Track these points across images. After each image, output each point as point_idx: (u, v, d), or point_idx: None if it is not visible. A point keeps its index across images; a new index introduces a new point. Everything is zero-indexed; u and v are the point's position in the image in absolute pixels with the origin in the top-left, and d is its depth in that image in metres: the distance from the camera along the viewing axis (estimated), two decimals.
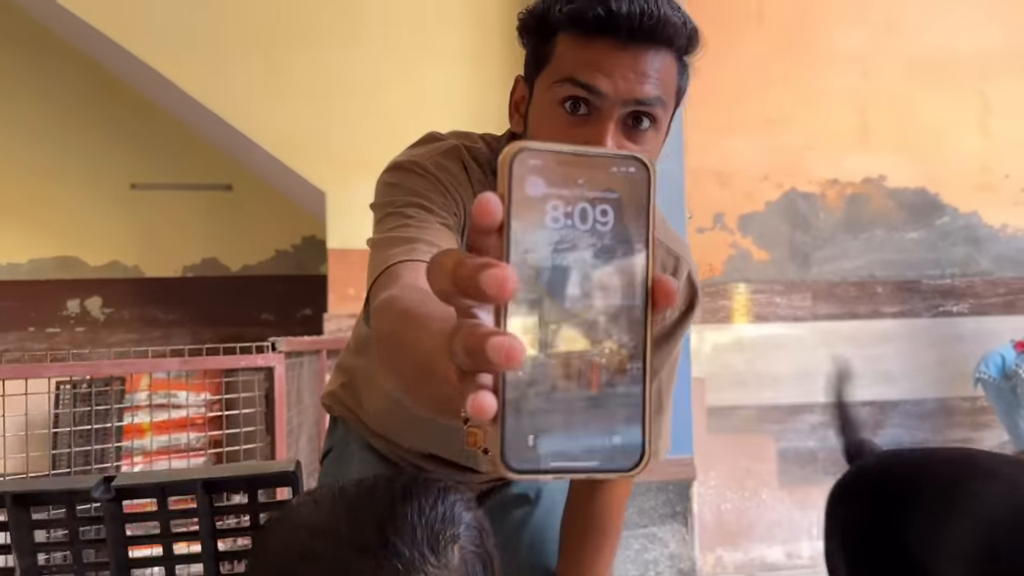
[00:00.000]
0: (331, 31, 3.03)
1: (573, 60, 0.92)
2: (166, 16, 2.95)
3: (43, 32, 3.56)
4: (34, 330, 3.75)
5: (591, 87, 0.91)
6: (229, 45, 3.00)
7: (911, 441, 4.42)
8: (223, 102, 3.02)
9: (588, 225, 0.44)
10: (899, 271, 4.48)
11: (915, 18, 4.50)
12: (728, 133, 4.29)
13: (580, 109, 0.92)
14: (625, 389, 0.44)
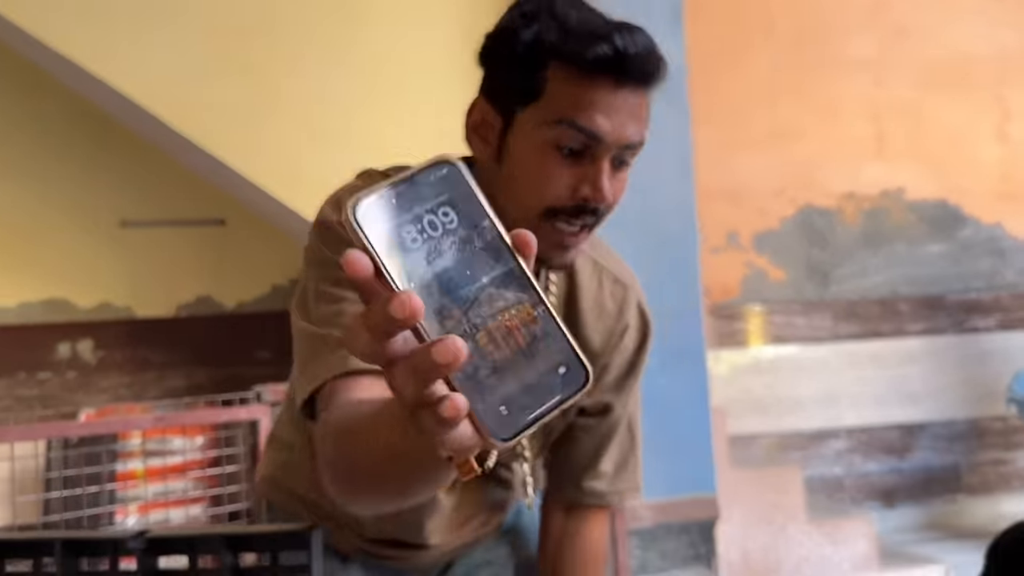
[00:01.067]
0: (321, 62, 2.93)
1: (571, 100, 0.88)
2: (151, 51, 2.85)
3: (29, 69, 3.46)
4: (24, 376, 3.62)
5: (591, 132, 0.88)
6: (217, 78, 2.89)
7: (940, 465, 4.24)
8: (212, 136, 2.91)
9: (440, 230, 0.50)
10: (922, 287, 4.31)
11: (928, 23, 4.36)
12: (738, 149, 4.15)
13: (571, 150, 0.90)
14: (543, 329, 0.51)
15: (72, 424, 2.88)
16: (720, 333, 4.12)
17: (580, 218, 0.93)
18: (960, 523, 4.18)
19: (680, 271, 2.84)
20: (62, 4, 2.81)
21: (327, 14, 2.93)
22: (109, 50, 2.81)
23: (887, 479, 4.21)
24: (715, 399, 3.03)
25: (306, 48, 2.93)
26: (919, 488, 4.23)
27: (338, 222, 0.91)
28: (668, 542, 2.79)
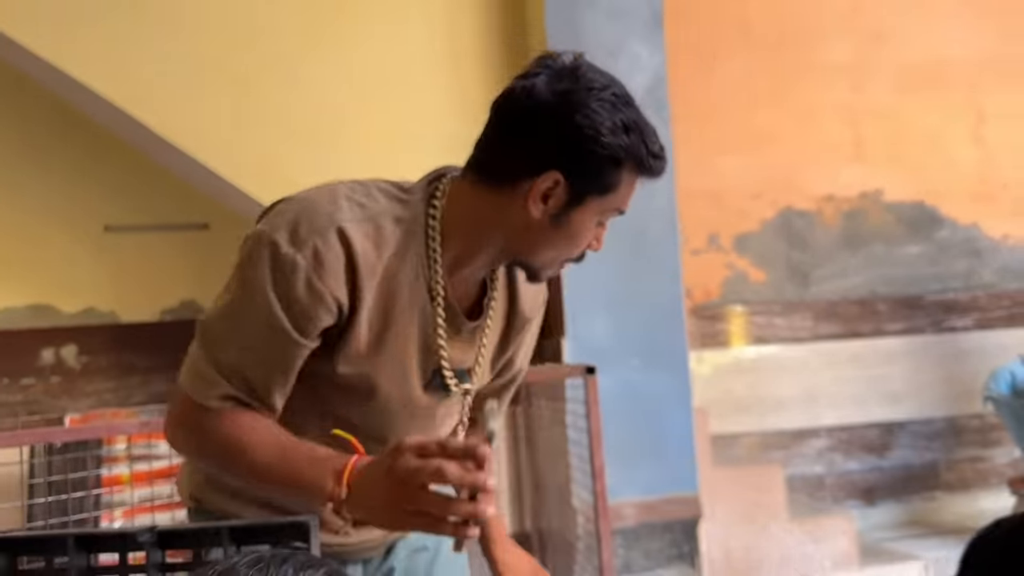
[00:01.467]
0: (303, 65, 2.95)
1: (625, 194, 1.11)
2: (134, 56, 2.86)
3: (12, 74, 3.45)
4: (8, 382, 3.61)
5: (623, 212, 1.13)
6: (199, 82, 2.91)
7: (920, 463, 4.30)
8: (194, 140, 2.93)
9: None
10: (901, 287, 4.37)
11: (904, 28, 4.42)
12: (718, 152, 4.19)
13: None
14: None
15: (58, 430, 2.87)
16: (702, 334, 4.17)
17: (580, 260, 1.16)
18: (940, 520, 4.24)
19: (662, 273, 2.88)
20: (47, 11, 2.82)
21: (310, 22, 2.95)
22: (94, 56, 2.82)
23: (867, 477, 4.27)
24: (697, 399, 3.07)
25: (290, 55, 2.95)
26: (899, 486, 4.29)
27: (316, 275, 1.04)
28: (652, 541, 2.83)
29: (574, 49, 3.09)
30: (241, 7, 2.92)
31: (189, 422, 1.10)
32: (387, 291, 1.09)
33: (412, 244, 1.10)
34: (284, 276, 1.03)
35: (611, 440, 2.46)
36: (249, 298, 1.06)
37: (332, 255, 1.04)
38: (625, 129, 1.07)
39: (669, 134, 2.92)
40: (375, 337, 1.10)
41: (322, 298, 1.04)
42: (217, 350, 1.08)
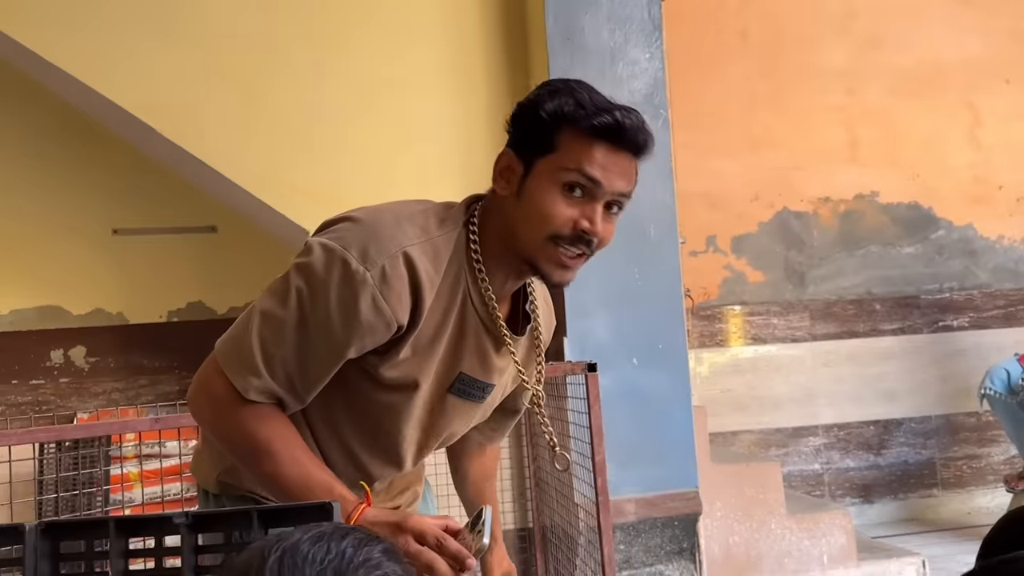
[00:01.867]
0: (311, 69, 2.98)
1: (580, 155, 1.13)
2: (147, 63, 2.89)
3: (21, 78, 3.50)
4: (18, 382, 3.66)
5: (593, 178, 1.13)
6: (207, 86, 2.95)
7: (916, 460, 4.36)
8: (202, 144, 2.96)
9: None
10: (897, 287, 4.43)
11: (898, 32, 4.48)
12: (715, 154, 4.25)
13: (575, 192, 1.14)
14: None
15: (69, 426, 2.92)
16: (700, 334, 4.22)
17: (577, 245, 1.15)
18: (936, 517, 4.30)
19: (662, 274, 2.92)
20: (57, 17, 2.86)
21: (318, 32, 2.99)
22: (104, 62, 2.86)
23: (865, 475, 4.32)
24: (695, 398, 3.11)
25: (296, 62, 2.99)
26: (896, 483, 4.34)
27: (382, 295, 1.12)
28: (652, 537, 2.87)
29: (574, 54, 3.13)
30: (250, 15, 2.96)
31: (222, 404, 1.14)
32: (441, 307, 1.18)
33: (462, 264, 1.19)
34: (352, 292, 1.10)
35: (612, 437, 2.50)
36: (315, 305, 1.11)
37: (397, 277, 1.11)
38: (558, 92, 1.15)
39: (668, 138, 2.97)
40: (424, 348, 1.18)
41: (384, 316, 1.11)
42: (271, 344, 1.12)
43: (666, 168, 2.94)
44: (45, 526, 0.89)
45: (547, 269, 1.17)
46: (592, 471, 2.15)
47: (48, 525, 0.89)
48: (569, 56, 2.89)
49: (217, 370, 1.15)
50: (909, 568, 3.29)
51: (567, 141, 1.14)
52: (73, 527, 0.90)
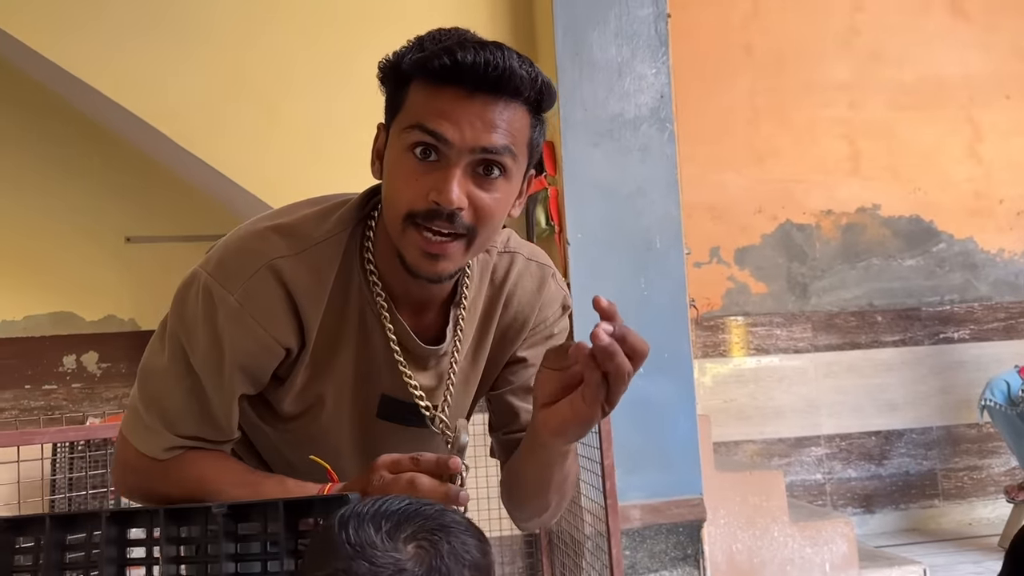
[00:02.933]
0: (324, 81, 3.05)
1: (422, 107, 0.93)
2: (162, 74, 2.96)
3: (38, 89, 3.57)
4: (31, 387, 3.72)
5: (438, 134, 0.91)
6: (222, 97, 3.01)
7: (917, 471, 4.40)
8: (216, 152, 3.02)
9: None
10: (898, 299, 4.48)
11: (900, 48, 4.55)
12: (721, 168, 4.31)
13: (430, 156, 0.93)
14: None
15: (81, 428, 2.97)
16: (704, 344, 4.27)
17: (435, 223, 0.93)
18: (937, 527, 4.33)
19: (667, 284, 2.97)
20: (79, 30, 2.93)
21: (327, 42, 3.06)
22: (124, 74, 2.92)
23: (866, 484, 4.36)
24: (699, 407, 3.16)
25: (308, 73, 3.05)
26: (897, 493, 4.38)
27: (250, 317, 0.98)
28: (657, 543, 2.92)
29: (582, 68, 3.18)
30: (266, 28, 3.03)
31: (140, 472, 1.05)
32: (335, 320, 1.03)
33: (354, 269, 1.04)
34: (219, 319, 0.98)
35: (618, 444, 2.55)
36: (191, 343, 1.00)
37: (266, 295, 0.98)
38: (412, 45, 0.97)
39: (674, 151, 3.02)
40: (322, 365, 1.05)
41: (258, 338, 0.99)
42: (160, 401, 1.02)
43: (672, 180, 3.00)
44: (110, 514, 0.95)
45: (411, 260, 0.96)
46: (601, 475, 2.19)
47: (113, 513, 0.95)
48: (578, 71, 2.96)
49: (125, 442, 1.06)
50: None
51: (412, 95, 0.94)
52: (131, 515, 0.96)
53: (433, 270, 0.96)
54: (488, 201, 0.94)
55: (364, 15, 3.08)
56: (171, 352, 1.01)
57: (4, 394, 3.70)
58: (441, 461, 0.92)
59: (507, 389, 1.17)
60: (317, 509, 0.93)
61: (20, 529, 1.00)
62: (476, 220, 0.94)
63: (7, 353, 3.71)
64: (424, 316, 1.08)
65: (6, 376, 3.71)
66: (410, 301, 1.06)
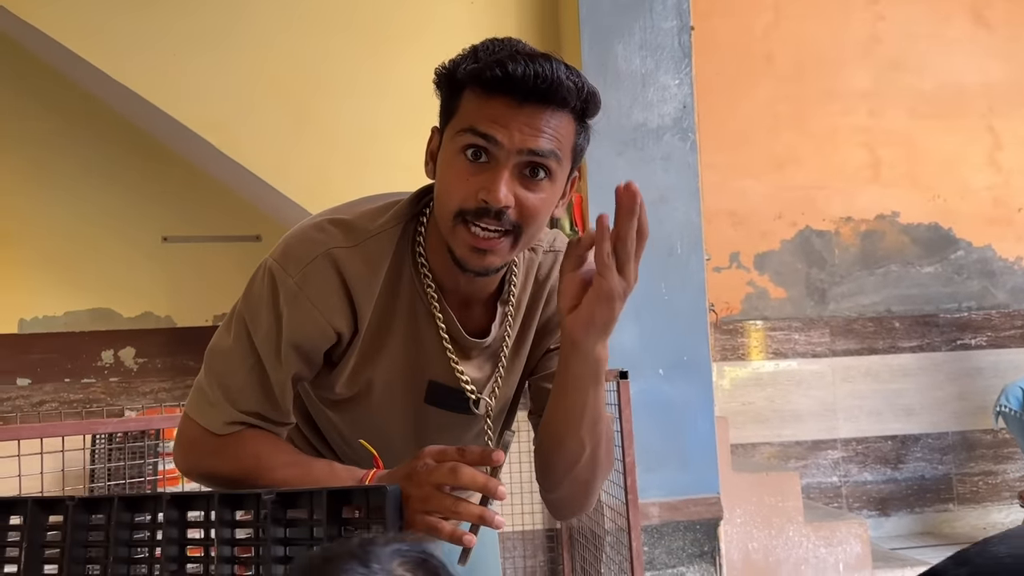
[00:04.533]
0: (358, 83, 3.14)
1: (474, 113, 1.00)
2: (194, 74, 3.06)
3: (79, 93, 3.70)
4: (70, 381, 3.85)
5: (489, 136, 0.98)
6: (256, 98, 3.11)
7: (933, 475, 4.45)
8: (250, 154, 3.12)
9: None
10: (916, 305, 4.53)
11: (921, 56, 4.60)
12: (741, 174, 4.38)
13: (481, 157, 1.00)
14: None
15: (121, 420, 3.09)
16: (723, 348, 4.35)
17: (483, 220, 1.00)
18: (952, 531, 4.38)
19: (687, 289, 3.05)
20: (118, 34, 3.04)
21: (358, 50, 3.16)
22: (165, 80, 3.04)
23: (882, 488, 4.42)
24: (717, 410, 3.23)
25: (339, 80, 3.15)
26: (913, 497, 4.44)
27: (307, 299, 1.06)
28: (675, 540, 3.00)
29: (607, 79, 3.26)
30: (299, 36, 3.14)
31: (200, 447, 1.12)
32: (386, 308, 1.10)
33: (406, 262, 1.11)
34: (280, 300, 1.06)
35: (638, 443, 2.63)
36: (255, 323, 1.08)
37: (323, 280, 1.06)
38: (467, 53, 1.04)
39: (696, 160, 3.10)
40: (373, 350, 1.11)
41: (314, 320, 1.06)
42: (224, 377, 1.10)
43: (693, 188, 3.08)
44: (171, 497, 1.04)
45: (460, 254, 1.03)
46: (623, 472, 2.28)
47: (173, 496, 1.04)
48: (603, 81, 3.04)
49: (188, 419, 1.13)
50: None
51: (465, 102, 1.02)
52: (189, 499, 1.05)
53: (481, 264, 1.03)
54: (533, 201, 1.01)
55: (396, 25, 3.18)
56: (236, 332, 1.09)
57: (45, 387, 3.83)
58: (485, 453, 0.95)
59: (545, 374, 1.22)
60: (357, 498, 0.99)
61: (92, 508, 1.08)
62: (521, 218, 1.01)
63: (48, 347, 3.85)
64: (471, 310, 1.14)
65: (47, 370, 3.85)
66: (458, 295, 1.12)
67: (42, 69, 3.69)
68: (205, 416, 1.11)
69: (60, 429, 2.01)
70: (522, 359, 1.22)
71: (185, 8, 3.08)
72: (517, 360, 1.21)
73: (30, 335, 3.84)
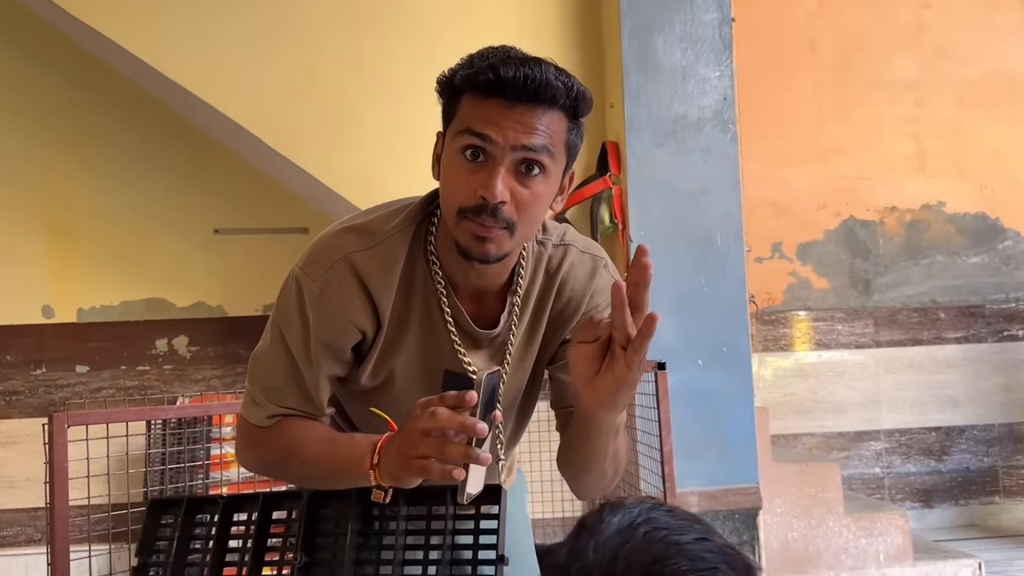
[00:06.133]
0: (404, 80, 3.19)
1: (471, 115, 1.08)
2: (246, 72, 3.15)
3: (134, 90, 3.81)
4: (126, 368, 3.99)
5: (484, 135, 1.07)
6: (306, 96, 3.19)
7: (978, 467, 4.41)
8: (300, 151, 3.20)
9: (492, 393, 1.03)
10: (962, 296, 4.49)
11: (968, 44, 4.53)
12: (784, 164, 4.37)
13: (479, 157, 1.08)
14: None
15: (180, 406, 3.21)
16: (764, 338, 4.35)
17: (481, 216, 1.08)
18: (998, 524, 4.34)
19: (728, 278, 3.07)
20: (172, 32, 3.13)
21: (403, 48, 3.21)
22: (216, 77, 3.13)
23: (925, 480, 4.39)
24: (758, 400, 3.25)
25: (385, 79, 3.21)
26: (957, 489, 4.40)
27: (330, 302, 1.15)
28: (714, 528, 3.03)
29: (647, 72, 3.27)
30: (349, 33, 3.20)
31: (250, 440, 1.25)
32: (404, 306, 1.19)
33: (419, 261, 1.19)
34: (306, 304, 1.15)
35: (677, 434, 2.67)
36: (288, 327, 1.18)
37: (345, 283, 1.14)
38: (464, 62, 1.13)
39: (736, 152, 3.11)
40: (393, 344, 1.20)
41: (338, 321, 1.15)
42: (264, 379, 1.21)
43: (733, 179, 3.10)
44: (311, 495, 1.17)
45: (463, 244, 1.11)
46: (660, 461, 2.32)
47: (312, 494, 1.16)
48: (643, 74, 3.07)
49: (241, 420, 1.27)
50: (965, 570, 3.37)
51: (463, 106, 1.10)
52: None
53: (481, 251, 1.11)
54: (528, 196, 1.09)
55: (441, 21, 3.23)
56: (272, 337, 1.21)
57: (103, 374, 3.98)
58: (460, 395, 1.00)
59: (560, 364, 1.31)
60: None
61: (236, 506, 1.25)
62: (517, 213, 1.09)
63: (105, 336, 3.99)
64: (483, 303, 1.22)
65: (104, 357, 3.99)
66: (469, 289, 1.21)
67: (95, 64, 3.81)
68: (252, 415, 1.23)
69: (124, 415, 2.13)
70: (534, 350, 1.28)
71: (235, 4, 3.17)
72: (529, 350, 1.28)
73: (88, 324, 3.99)
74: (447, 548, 1.08)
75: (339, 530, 1.12)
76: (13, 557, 3.76)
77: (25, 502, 3.82)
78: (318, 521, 1.14)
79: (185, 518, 1.21)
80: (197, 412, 2.69)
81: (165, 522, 1.23)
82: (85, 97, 3.96)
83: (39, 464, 2.23)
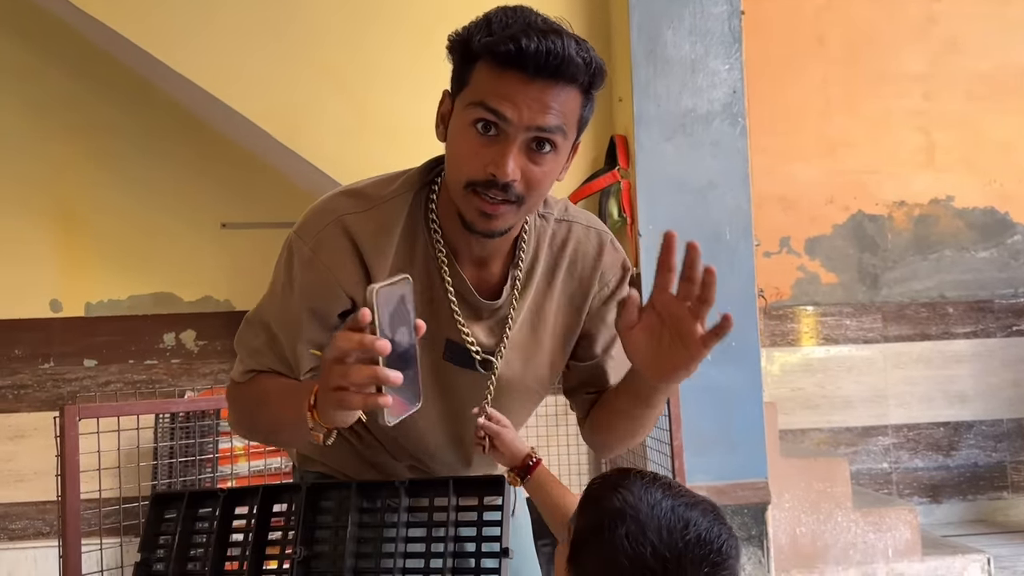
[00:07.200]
0: (413, 75, 3.19)
1: (486, 87, 1.04)
2: (253, 66, 3.14)
3: (141, 82, 3.81)
4: (134, 362, 3.99)
5: (499, 113, 1.03)
6: (314, 90, 3.18)
7: (986, 463, 4.40)
8: (309, 146, 3.19)
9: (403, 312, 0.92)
10: (970, 291, 4.47)
11: (978, 37, 4.51)
12: (792, 158, 4.35)
13: (490, 131, 1.05)
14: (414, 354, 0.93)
15: (190, 400, 3.22)
16: (772, 333, 4.34)
17: (490, 191, 1.05)
18: (1006, 519, 4.33)
19: (736, 273, 3.06)
20: (178, 25, 3.13)
21: (416, 41, 3.21)
22: (223, 70, 3.12)
23: (934, 475, 4.39)
24: (766, 395, 3.24)
25: (396, 74, 3.20)
26: (965, 484, 4.39)
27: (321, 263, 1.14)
28: None
29: (656, 65, 3.25)
30: (358, 27, 3.20)
31: (230, 398, 1.25)
32: (401, 271, 1.12)
33: (419, 227, 1.16)
34: (295, 265, 1.15)
35: (686, 428, 2.67)
36: (273, 292, 1.19)
37: (336, 245, 1.13)
38: (480, 22, 1.08)
39: (746, 146, 3.10)
40: None
41: (326, 283, 1.13)
42: (248, 340, 1.21)
43: (742, 174, 3.08)
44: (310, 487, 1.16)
45: (469, 218, 1.09)
46: (670, 456, 2.32)
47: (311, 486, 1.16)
48: (652, 67, 3.06)
49: (230, 381, 1.26)
50: (974, 565, 3.37)
51: (478, 73, 1.05)
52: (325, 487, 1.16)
53: (487, 226, 1.09)
54: (538, 173, 1.07)
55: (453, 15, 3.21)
56: (261, 302, 1.22)
57: (111, 368, 3.98)
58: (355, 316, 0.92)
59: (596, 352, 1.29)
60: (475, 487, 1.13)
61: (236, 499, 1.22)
62: (526, 189, 1.07)
63: (113, 330, 3.99)
64: (485, 272, 1.20)
65: (112, 351, 3.99)
66: (471, 257, 1.18)
67: (100, 55, 3.80)
68: (234, 373, 1.24)
69: (135, 408, 2.13)
70: (544, 329, 1.25)
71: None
72: (538, 328, 1.25)
73: (96, 318, 3.99)
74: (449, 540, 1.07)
75: (339, 522, 1.11)
76: (22, 550, 3.77)
77: (34, 495, 3.83)
78: (318, 513, 1.14)
79: (187, 512, 1.20)
80: (207, 405, 2.69)
81: (168, 517, 1.22)
82: (91, 89, 3.96)
83: (47, 458, 2.23)
